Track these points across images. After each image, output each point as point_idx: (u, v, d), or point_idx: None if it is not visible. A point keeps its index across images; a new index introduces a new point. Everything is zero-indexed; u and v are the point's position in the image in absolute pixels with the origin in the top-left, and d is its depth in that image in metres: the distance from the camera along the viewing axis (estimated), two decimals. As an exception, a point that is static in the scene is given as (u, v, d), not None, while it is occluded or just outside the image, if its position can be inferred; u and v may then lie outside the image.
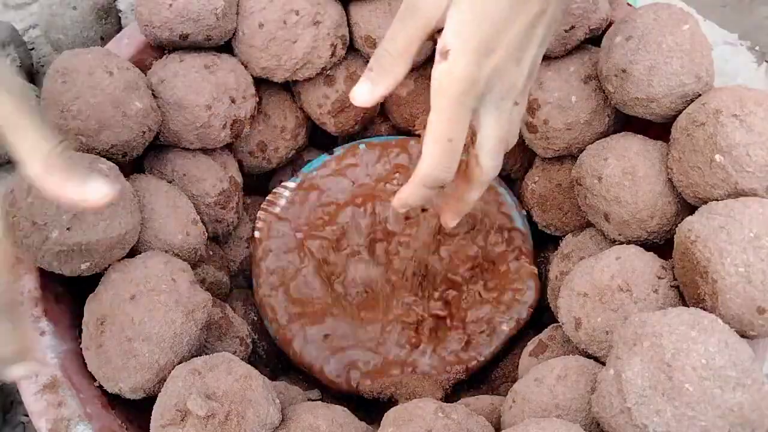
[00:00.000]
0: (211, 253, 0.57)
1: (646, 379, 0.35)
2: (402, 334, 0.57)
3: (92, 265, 0.43)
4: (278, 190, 0.61)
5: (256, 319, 0.59)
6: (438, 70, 0.36)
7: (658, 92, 0.46)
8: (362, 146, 0.62)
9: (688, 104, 0.46)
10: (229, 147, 0.59)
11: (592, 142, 0.52)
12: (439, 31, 0.36)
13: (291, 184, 0.61)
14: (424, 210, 0.56)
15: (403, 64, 0.38)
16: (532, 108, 0.54)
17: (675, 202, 0.47)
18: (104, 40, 0.68)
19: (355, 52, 0.59)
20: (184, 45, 0.52)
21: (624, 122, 0.53)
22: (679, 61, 0.45)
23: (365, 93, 0.39)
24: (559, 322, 0.48)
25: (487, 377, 0.59)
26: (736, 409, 0.33)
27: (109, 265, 0.44)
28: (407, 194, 0.40)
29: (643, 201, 0.47)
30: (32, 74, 0.71)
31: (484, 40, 0.35)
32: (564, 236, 0.58)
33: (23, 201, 0.41)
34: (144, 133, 0.47)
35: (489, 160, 0.40)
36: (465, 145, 0.38)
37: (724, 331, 0.36)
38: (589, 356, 0.45)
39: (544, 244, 0.62)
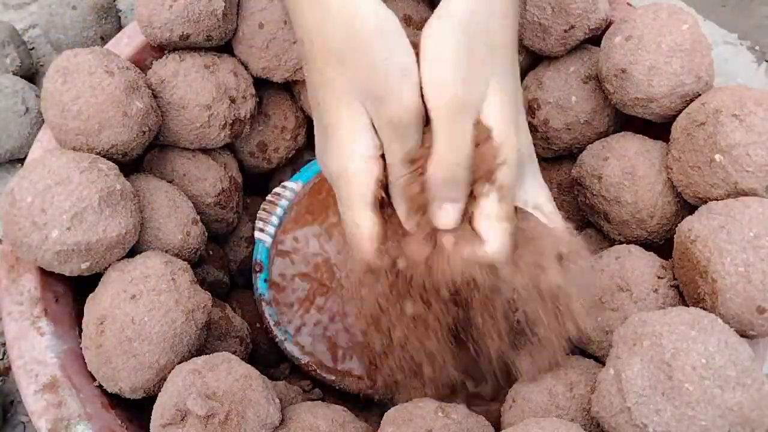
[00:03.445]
0: (211, 253, 0.57)
1: (646, 378, 0.35)
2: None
3: (92, 265, 0.43)
4: (278, 190, 0.61)
5: (255, 318, 0.59)
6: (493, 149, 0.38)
7: (658, 92, 0.46)
8: None
9: (688, 104, 0.46)
10: (229, 147, 0.59)
11: (592, 142, 0.52)
12: None
13: (291, 184, 0.61)
14: None
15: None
16: (532, 108, 0.54)
17: (675, 202, 0.47)
18: (104, 40, 0.68)
19: (355, 52, 0.59)
20: (184, 45, 0.52)
21: (624, 122, 0.53)
22: (679, 61, 0.45)
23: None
24: (559, 322, 0.48)
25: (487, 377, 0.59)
26: (736, 408, 0.33)
27: (109, 265, 0.44)
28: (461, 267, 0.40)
29: (643, 201, 0.47)
30: (32, 74, 0.71)
31: (511, 111, 0.39)
32: (564, 236, 0.58)
33: (23, 201, 0.41)
34: (144, 133, 0.47)
35: None
36: None
37: (724, 330, 0.36)
38: (589, 356, 0.45)
39: (544, 244, 0.62)
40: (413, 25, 0.56)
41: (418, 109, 0.37)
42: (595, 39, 0.52)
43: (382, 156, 0.38)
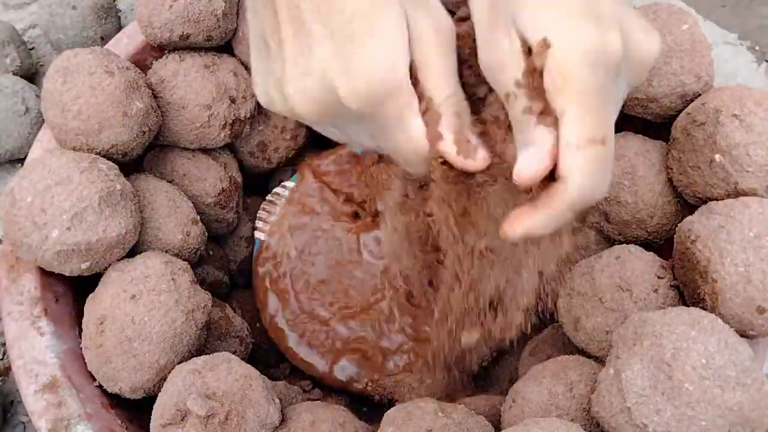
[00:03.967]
0: (211, 253, 0.57)
1: (646, 378, 0.35)
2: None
3: (92, 265, 0.43)
4: (278, 190, 0.61)
5: (255, 319, 0.59)
6: (550, 61, 0.28)
7: (658, 92, 0.46)
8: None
9: (688, 104, 0.46)
10: (229, 147, 0.59)
11: (592, 142, 0.52)
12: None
13: (291, 184, 0.61)
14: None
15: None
16: (532, 108, 0.54)
17: (675, 202, 0.47)
18: (104, 40, 0.68)
19: (355, 52, 0.59)
20: (184, 45, 0.52)
21: (624, 122, 0.53)
22: (679, 61, 0.45)
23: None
24: (559, 322, 0.48)
25: (487, 377, 0.59)
26: (736, 408, 0.33)
27: (109, 265, 0.44)
28: (544, 223, 0.31)
29: (642, 201, 0.47)
30: (32, 74, 0.71)
31: (577, 3, 0.28)
32: (564, 236, 0.58)
33: (23, 201, 0.41)
34: (144, 133, 0.47)
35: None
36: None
37: (724, 330, 0.36)
38: (589, 356, 0.45)
39: (544, 244, 0.62)
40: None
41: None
42: (595, 39, 0.52)
43: None
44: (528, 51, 0.30)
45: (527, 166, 0.30)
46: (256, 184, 0.65)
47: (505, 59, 0.30)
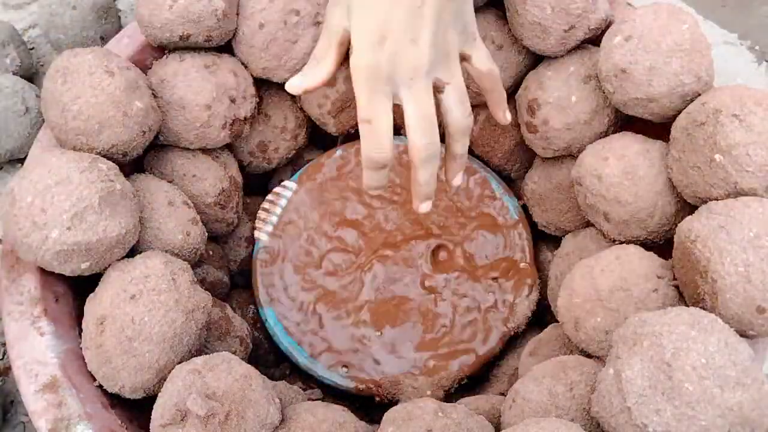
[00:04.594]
0: (211, 253, 0.57)
1: (646, 378, 0.35)
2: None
3: (92, 264, 0.43)
4: (278, 189, 0.61)
5: (255, 319, 0.59)
6: (350, 63, 0.42)
7: (658, 92, 0.46)
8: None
9: (688, 104, 0.46)
10: (229, 147, 0.59)
11: (592, 142, 0.52)
12: None
13: (291, 184, 0.61)
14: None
15: (326, 65, 0.48)
16: (531, 108, 0.54)
17: (675, 202, 0.47)
18: (104, 40, 0.68)
19: (355, 52, 0.59)
20: (184, 45, 0.52)
21: (624, 122, 0.53)
22: (679, 61, 0.45)
23: (296, 83, 0.49)
24: (559, 322, 0.48)
25: (487, 377, 0.59)
26: (736, 408, 0.33)
27: (109, 265, 0.44)
28: (364, 178, 0.45)
29: (643, 201, 0.47)
30: (32, 74, 0.71)
31: (372, 30, 0.42)
32: (564, 236, 0.58)
33: (23, 201, 0.41)
34: (144, 133, 0.47)
35: (415, 136, 0.44)
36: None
37: (724, 330, 0.36)
38: (589, 356, 0.45)
39: (544, 244, 0.62)
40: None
41: None
42: (595, 39, 0.52)
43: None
44: None
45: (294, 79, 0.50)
46: (256, 184, 0.65)
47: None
